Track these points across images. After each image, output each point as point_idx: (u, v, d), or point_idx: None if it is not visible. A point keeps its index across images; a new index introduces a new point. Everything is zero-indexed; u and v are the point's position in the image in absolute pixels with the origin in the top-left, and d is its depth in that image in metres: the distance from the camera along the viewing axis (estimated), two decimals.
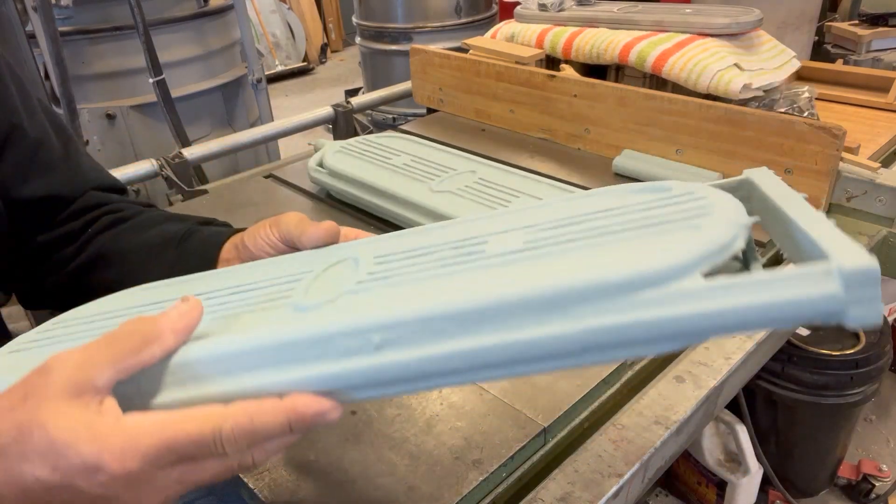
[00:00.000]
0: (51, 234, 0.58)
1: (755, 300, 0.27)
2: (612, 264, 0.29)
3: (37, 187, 0.57)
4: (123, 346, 0.31)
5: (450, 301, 0.30)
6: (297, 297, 0.35)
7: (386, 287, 0.34)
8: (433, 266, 0.34)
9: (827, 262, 0.26)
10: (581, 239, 0.32)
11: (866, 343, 1.20)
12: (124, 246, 0.56)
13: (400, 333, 0.31)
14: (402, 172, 0.84)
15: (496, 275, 0.31)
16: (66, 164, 0.60)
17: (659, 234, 0.31)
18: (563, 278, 0.29)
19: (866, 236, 0.78)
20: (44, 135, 0.58)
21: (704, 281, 0.28)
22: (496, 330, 0.29)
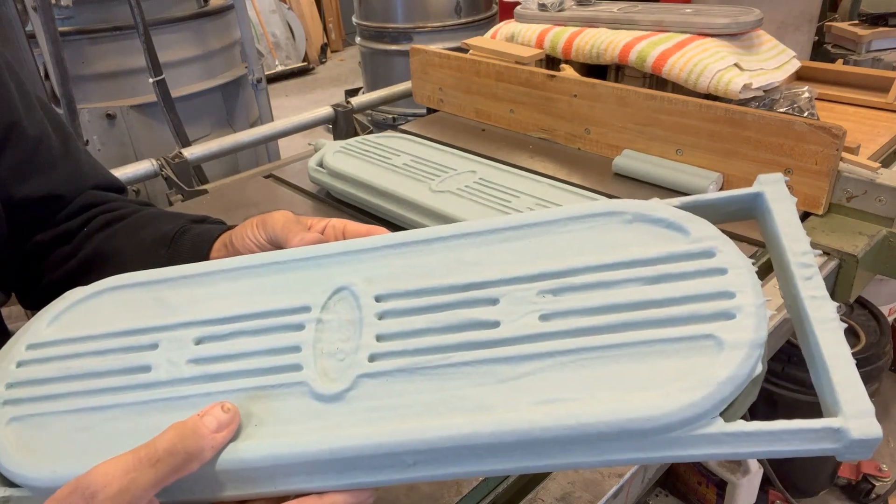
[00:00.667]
0: (48, 233, 0.58)
1: (767, 449, 0.29)
2: (638, 407, 0.29)
3: (36, 186, 0.57)
4: (166, 465, 0.31)
5: (480, 433, 0.30)
6: (312, 378, 0.34)
7: (404, 378, 0.33)
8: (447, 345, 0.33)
9: (837, 422, 0.28)
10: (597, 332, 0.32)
11: (866, 343, 1.20)
12: (118, 246, 0.55)
13: (431, 456, 0.31)
14: (402, 172, 0.84)
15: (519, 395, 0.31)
16: (66, 162, 0.60)
17: (679, 351, 0.31)
18: (590, 420, 0.29)
19: (866, 236, 0.78)
20: (43, 133, 0.58)
21: (725, 426, 0.29)
22: (524, 458, 0.31)
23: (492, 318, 0.33)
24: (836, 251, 0.76)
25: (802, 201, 0.82)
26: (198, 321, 0.37)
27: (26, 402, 0.37)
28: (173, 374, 0.36)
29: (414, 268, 0.37)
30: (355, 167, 0.87)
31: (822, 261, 0.76)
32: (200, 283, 0.40)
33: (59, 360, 0.38)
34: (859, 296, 1.05)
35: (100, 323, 0.39)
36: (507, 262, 0.35)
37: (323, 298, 0.37)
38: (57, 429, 0.36)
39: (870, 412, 0.28)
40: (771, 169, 0.83)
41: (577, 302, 0.33)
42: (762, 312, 0.31)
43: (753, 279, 0.32)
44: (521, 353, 0.32)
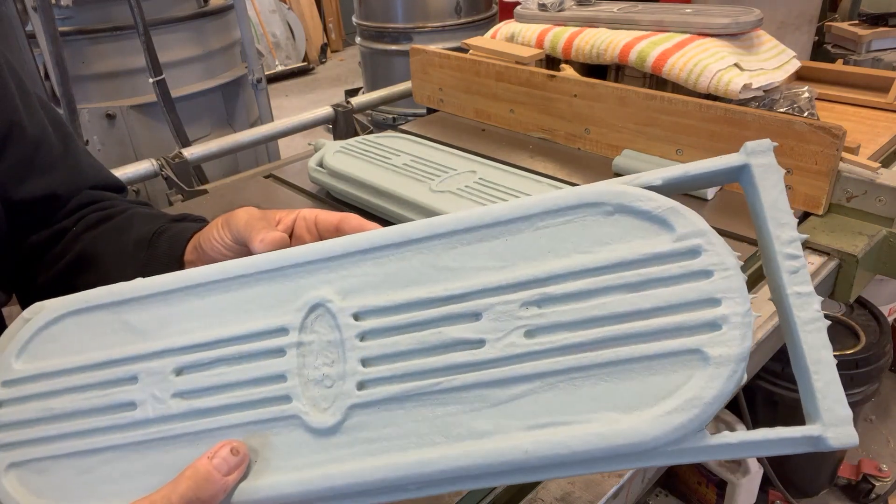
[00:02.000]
0: (45, 232, 0.58)
1: (749, 453, 0.31)
2: (628, 430, 0.30)
3: (35, 187, 0.57)
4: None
5: (476, 463, 0.32)
6: (303, 410, 0.34)
7: (395, 407, 0.33)
8: (435, 367, 0.33)
9: (816, 429, 0.30)
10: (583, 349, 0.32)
11: (866, 343, 1.20)
12: (103, 248, 0.55)
13: (431, 482, 0.33)
14: (402, 172, 0.84)
15: (511, 419, 0.32)
16: (66, 163, 0.59)
17: (666, 367, 0.31)
18: (581, 447, 0.31)
19: (866, 236, 0.78)
20: (43, 133, 0.58)
21: (710, 439, 0.30)
22: (518, 476, 0.32)
23: (476, 336, 0.33)
24: (836, 251, 0.76)
25: (802, 201, 0.82)
26: (172, 349, 0.36)
27: (19, 447, 0.36)
28: (161, 412, 0.35)
29: (389, 276, 0.35)
30: (355, 167, 0.87)
31: (822, 260, 0.76)
32: (165, 302, 0.38)
33: (39, 399, 0.37)
34: (859, 296, 1.05)
35: (69, 353, 0.38)
36: (486, 266, 0.34)
37: (299, 318, 0.35)
38: (59, 473, 0.36)
39: (847, 419, 0.30)
40: None
41: (562, 315, 0.32)
42: (748, 321, 0.31)
43: (740, 282, 0.31)
44: (510, 374, 0.32)
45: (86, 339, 0.38)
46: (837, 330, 1.26)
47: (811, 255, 0.77)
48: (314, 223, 0.45)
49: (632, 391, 0.31)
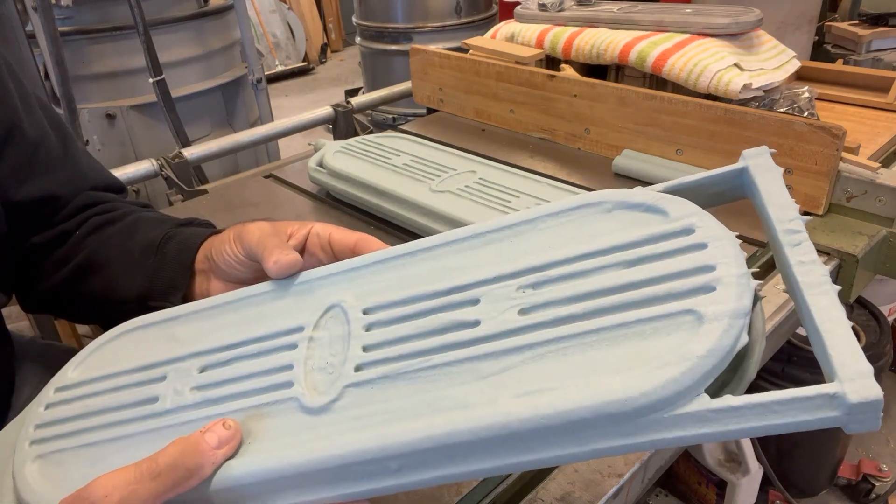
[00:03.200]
0: (45, 234, 0.58)
1: (761, 424, 0.27)
2: (616, 389, 0.28)
3: (35, 188, 0.57)
4: (167, 480, 0.32)
5: (462, 431, 0.30)
6: (302, 393, 0.35)
7: (388, 385, 0.34)
8: (430, 348, 0.34)
9: (833, 387, 0.27)
10: (576, 320, 0.32)
11: (866, 343, 1.20)
12: (110, 253, 0.55)
13: (415, 459, 0.31)
14: (402, 172, 0.84)
15: (500, 389, 0.31)
16: (65, 164, 0.59)
17: (659, 329, 0.30)
18: (568, 407, 0.29)
19: (866, 236, 0.78)
20: (43, 134, 0.58)
21: (710, 402, 0.28)
22: (509, 453, 0.30)
23: (472, 317, 0.34)
24: (836, 251, 0.76)
25: (802, 201, 0.82)
26: (202, 351, 0.39)
27: (50, 441, 0.39)
28: (178, 402, 0.37)
29: (401, 279, 0.38)
30: (355, 167, 0.87)
31: (822, 260, 0.76)
32: (207, 317, 0.42)
33: (81, 400, 0.40)
34: (859, 296, 1.05)
35: (118, 362, 0.42)
36: (489, 262, 0.36)
37: (315, 317, 0.38)
38: (74, 462, 0.37)
39: (867, 373, 0.26)
40: None
41: (556, 293, 0.33)
42: (744, 282, 0.30)
43: (735, 250, 0.31)
44: (501, 348, 0.32)
45: (135, 350, 0.42)
46: None
47: None
48: (328, 241, 0.45)
49: (624, 356, 0.30)
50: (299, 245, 0.46)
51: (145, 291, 0.52)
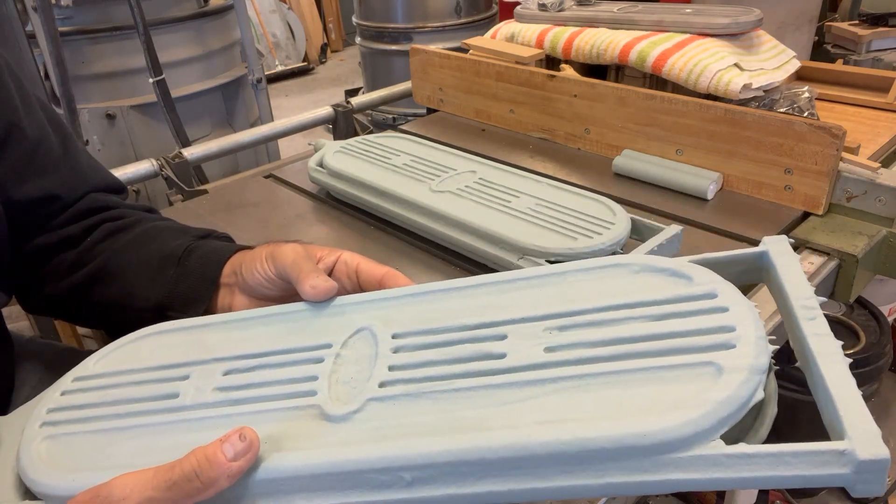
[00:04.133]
0: (49, 236, 0.58)
1: (771, 474, 0.28)
2: (636, 424, 0.29)
3: (35, 188, 0.57)
4: (182, 490, 0.32)
5: (478, 448, 0.31)
6: (324, 401, 0.36)
7: (410, 402, 0.34)
8: (455, 374, 0.35)
9: (843, 444, 0.28)
10: (600, 361, 0.33)
11: (866, 343, 1.20)
12: (126, 262, 0.55)
13: (429, 473, 0.32)
14: (402, 172, 0.84)
15: (521, 416, 0.32)
16: (65, 164, 0.59)
17: (681, 377, 0.31)
18: (588, 435, 0.30)
19: (866, 236, 0.78)
20: (43, 134, 0.58)
21: (725, 448, 0.29)
22: (523, 478, 0.31)
23: (498, 350, 0.35)
24: (836, 251, 0.76)
25: (802, 201, 0.82)
26: (228, 357, 0.41)
27: (61, 424, 0.40)
28: (197, 400, 0.38)
29: (431, 311, 0.39)
30: (355, 167, 0.87)
31: (822, 260, 0.76)
32: (236, 328, 0.43)
33: (99, 390, 0.41)
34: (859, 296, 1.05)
35: (141, 359, 0.43)
36: (517, 305, 0.38)
37: (344, 337, 0.40)
38: (82, 446, 0.38)
39: (876, 434, 0.28)
40: (771, 169, 0.83)
41: (582, 336, 0.34)
42: (762, 343, 0.31)
43: (754, 315, 0.33)
44: (525, 379, 0.33)
45: (160, 350, 0.43)
46: (837, 330, 1.25)
47: (811, 255, 0.77)
48: (355, 270, 0.47)
49: (645, 397, 0.31)
50: (327, 270, 0.47)
51: (164, 301, 0.52)
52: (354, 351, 0.39)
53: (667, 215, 0.83)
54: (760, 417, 0.32)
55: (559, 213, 0.70)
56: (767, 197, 0.85)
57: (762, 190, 0.85)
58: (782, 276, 0.36)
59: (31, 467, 0.37)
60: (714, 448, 0.29)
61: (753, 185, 0.85)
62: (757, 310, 0.33)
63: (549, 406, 0.32)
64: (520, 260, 0.66)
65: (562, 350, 0.34)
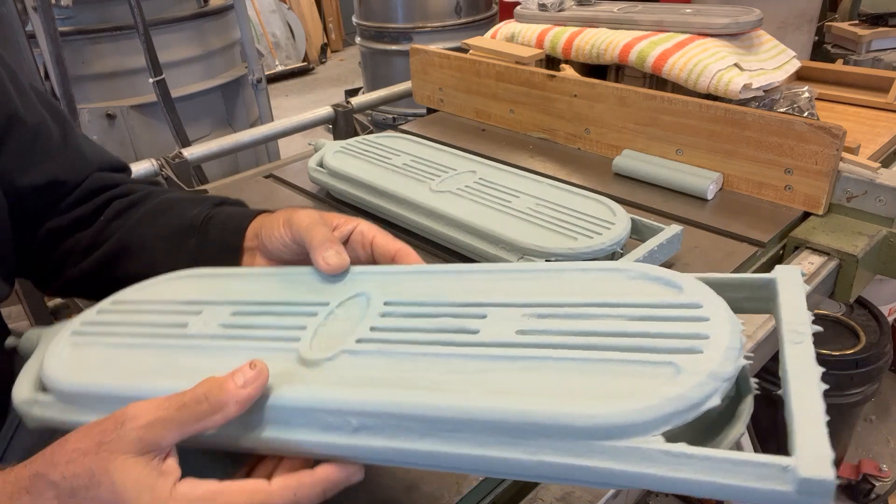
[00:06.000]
0: (60, 220, 0.58)
1: (708, 479, 0.27)
2: (579, 405, 0.30)
3: (39, 175, 0.57)
4: (192, 412, 0.34)
5: (423, 405, 0.32)
6: (304, 348, 0.39)
7: (378, 358, 0.37)
8: (428, 340, 0.37)
9: (788, 460, 0.27)
10: (566, 348, 0.34)
11: (866, 343, 1.20)
12: (145, 236, 0.56)
13: (375, 422, 0.34)
14: (402, 172, 0.84)
15: (474, 384, 0.33)
16: (66, 148, 0.60)
17: (639, 372, 0.31)
18: (528, 408, 0.30)
19: (866, 236, 0.78)
20: (41, 121, 0.58)
21: (662, 444, 0.28)
22: (462, 442, 0.32)
23: (474, 327, 0.37)
24: (836, 251, 0.76)
25: (802, 201, 0.82)
26: (240, 301, 0.45)
27: (87, 335, 0.46)
28: (201, 331, 0.43)
29: (427, 288, 0.42)
30: (355, 167, 0.87)
31: (822, 260, 0.76)
32: (254, 280, 0.48)
33: (127, 313, 0.47)
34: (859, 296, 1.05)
35: (170, 293, 0.48)
36: (507, 292, 0.39)
37: (342, 298, 0.43)
38: (97, 354, 0.44)
39: (826, 456, 0.27)
40: (771, 169, 0.83)
41: (557, 325, 0.36)
42: (732, 354, 0.31)
43: (733, 329, 0.32)
44: (489, 354, 0.35)
45: (188, 288, 0.48)
46: (837, 330, 1.25)
47: (811, 255, 0.77)
48: (370, 243, 0.49)
49: (598, 385, 0.31)
50: (343, 238, 0.49)
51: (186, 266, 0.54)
52: (347, 311, 0.42)
53: (667, 215, 0.83)
54: (722, 435, 0.32)
55: (559, 213, 0.70)
56: (767, 197, 0.85)
57: (762, 190, 0.85)
58: (782, 302, 0.35)
59: (48, 364, 0.43)
60: (651, 443, 0.28)
61: (753, 185, 0.85)
62: (741, 326, 0.33)
63: (504, 380, 0.33)
64: (520, 260, 0.66)
65: (532, 334, 0.35)
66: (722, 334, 0.32)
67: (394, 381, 0.35)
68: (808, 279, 0.73)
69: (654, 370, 0.31)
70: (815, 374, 0.30)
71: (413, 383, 0.34)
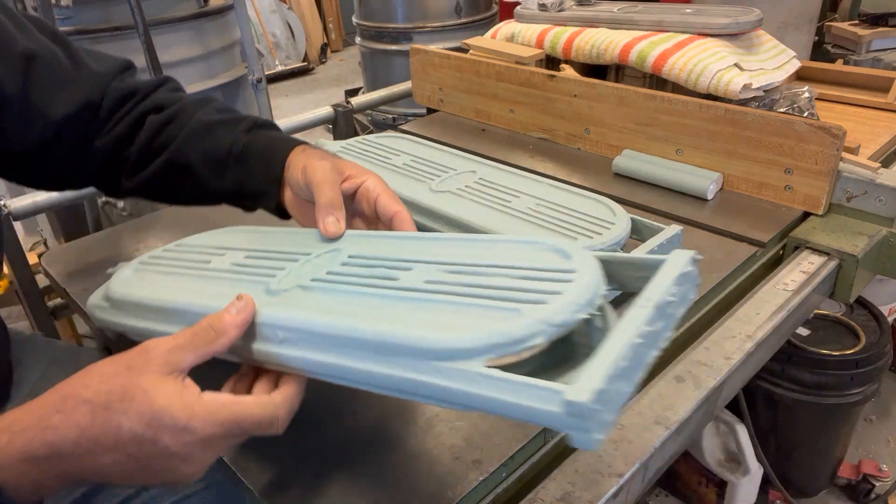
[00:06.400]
0: (102, 140, 0.63)
1: (504, 398, 0.34)
2: (427, 333, 0.37)
3: (68, 103, 0.60)
4: (202, 338, 0.42)
5: (325, 324, 0.42)
6: (273, 282, 0.49)
7: (321, 293, 0.46)
8: (361, 283, 0.46)
9: (561, 386, 0.32)
10: (452, 294, 0.41)
11: (866, 343, 1.20)
12: (188, 160, 0.62)
13: (293, 335, 0.43)
14: (402, 172, 0.84)
15: (374, 313, 0.42)
16: (77, 69, 0.62)
17: (491, 314, 0.38)
18: (392, 332, 0.39)
19: (866, 236, 0.78)
20: (48, 49, 0.60)
21: (481, 368, 0.35)
22: (347, 355, 0.41)
23: (397, 276, 0.45)
24: (836, 251, 0.76)
25: (803, 201, 0.82)
26: (255, 249, 0.57)
27: (147, 264, 0.60)
28: (217, 267, 0.56)
29: (388, 248, 0.51)
30: None
31: (822, 260, 0.76)
32: (276, 235, 0.59)
33: (179, 252, 0.61)
34: (859, 296, 1.05)
35: (214, 241, 0.61)
36: (440, 254, 0.47)
37: (321, 251, 0.53)
38: (147, 279, 0.58)
39: (592, 388, 0.31)
40: (771, 169, 0.83)
41: (457, 279, 0.43)
42: (573, 310, 0.37)
43: (589, 291, 0.38)
44: (398, 295, 0.43)
45: (225, 238, 0.61)
46: (837, 330, 1.25)
47: (811, 255, 0.77)
48: (374, 202, 0.56)
49: (454, 320, 0.39)
50: (351, 190, 0.57)
51: (235, 195, 0.63)
52: (320, 260, 0.51)
53: (667, 215, 0.83)
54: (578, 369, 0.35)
55: (559, 213, 0.70)
56: (767, 197, 0.85)
57: (762, 190, 0.85)
58: (655, 278, 0.39)
59: (112, 281, 0.59)
60: (473, 365, 0.35)
61: (753, 185, 0.85)
62: (603, 291, 0.39)
63: (394, 313, 0.41)
64: None
65: (435, 284, 0.43)
66: (573, 292, 0.38)
67: (317, 308, 0.44)
68: (808, 279, 0.73)
69: (503, 314, 0.38)
70: (633, 332, 0.35)
71: (329, 310, 0.43)
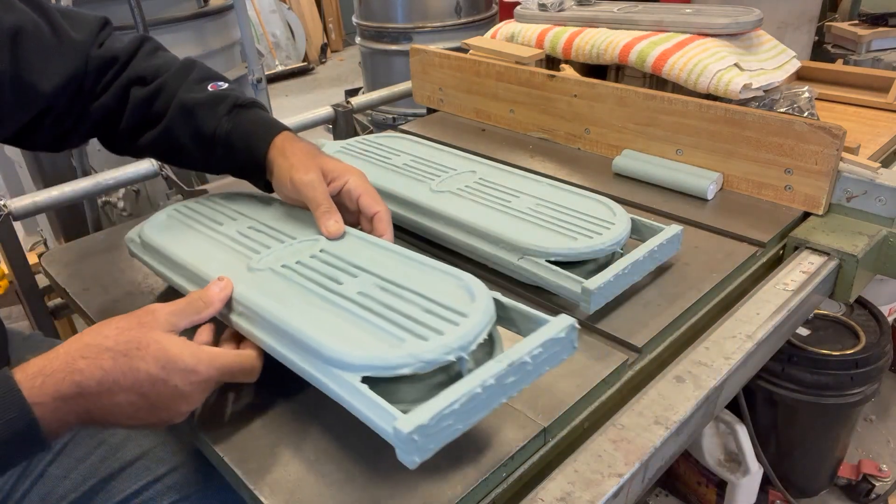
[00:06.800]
0: (94, 109, 0.68)
1: (361, 409, 0.44)
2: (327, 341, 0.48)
3: (55, 75, 0.64)
4: (194, 307, 0.54)
5: (264, 307, 0.53)
6: (255, 260, 0.60)
7: (281, 279, 0.57)
8: (313, 278, 0.56)
9: (398, 414, 0.42)
10: (368, 310, 0.51)
11: (866, 343, 1.20)
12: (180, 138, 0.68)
13: (246, 311, 0.55)
14: (402, 172, 0.84)
15: (304, 309, 0.52)
16: (60, 39, 0.65)
17: (384, 337, 0.48)
18: (303, 332, 0.49)
19: (866, 236, 0.78)
20: (31, 21, 0.62)
21: (353, 380, 0.45)
22: (273, 336, 0.52)
23: (342, 280, 0.56)
24: (836, 251, 0.76)
25: (802, 201, 0.82)
26: (258, 220, 0.69)
27: (178, 213, 0.72)
28: (225, 231, 0.67)
29: (353, 249, 0.61)
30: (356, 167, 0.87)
31: (822, 260, 0.76)
32: (284, 211, 0.70)
33: (203, 207, 0.73)
34: (859, 296, 1.05)
35: (231, 202, 0.74)
36: (388, 268, 0.57)
37: (305, 238, 0.63)
38: (173, 225, 0.70)
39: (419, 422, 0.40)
40: (771, 169, 0.83)
41: (381, 296, 0.53)
42: (444, 350, 0.45)
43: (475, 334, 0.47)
44: (330, 298, 0.53)
45: (240, 202, 0.74)
46: (837, 330, 1.25)
47: (811, 255, 0.77)
48: (356, 201, 0.65)
49: (355, 336, 0.48)
50: (336, 191, 0.65)
51: (229, 172, 0.73)
52: (300, 246, 0.62)
53: (667, 215, 0.83)
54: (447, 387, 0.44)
55: (559, 213, 0.70)
56: (767, 197, 0.85)
57: (762, 190, 0.85)
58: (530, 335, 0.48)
59: (146, 223, 0.71)
60: (349, 377, 0.45)
61: (753, 185, 0.85)
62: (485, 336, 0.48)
63: (317, 313, 0.52)
64: (520, 260, 0.66)
65: (363, 297, 0.53)
66: (453, 336, 0.46)
67: (270, 293, 0.55)
68: (809, 279, 0.73)
69: (391, 340, 0.47)
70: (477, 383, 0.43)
71: (276, 297, 0.54)
